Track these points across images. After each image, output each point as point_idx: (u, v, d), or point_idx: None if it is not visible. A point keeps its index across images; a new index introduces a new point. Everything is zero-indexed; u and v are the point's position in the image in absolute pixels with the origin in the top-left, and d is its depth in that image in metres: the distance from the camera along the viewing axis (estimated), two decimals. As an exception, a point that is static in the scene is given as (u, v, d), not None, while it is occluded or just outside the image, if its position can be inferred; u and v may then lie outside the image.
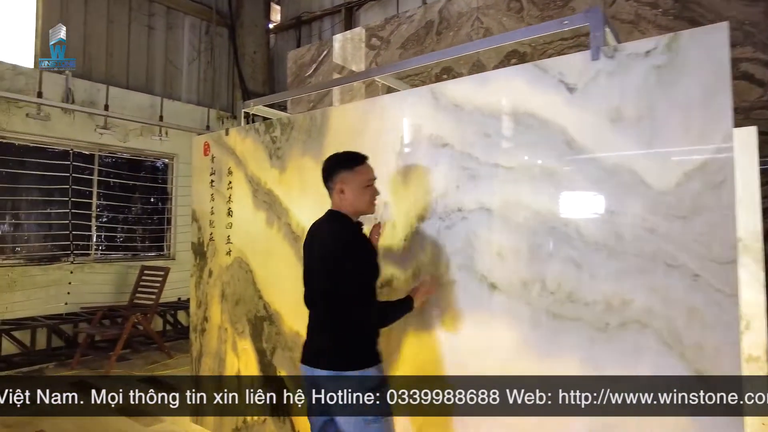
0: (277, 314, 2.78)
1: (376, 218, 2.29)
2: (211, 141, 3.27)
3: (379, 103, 2.41)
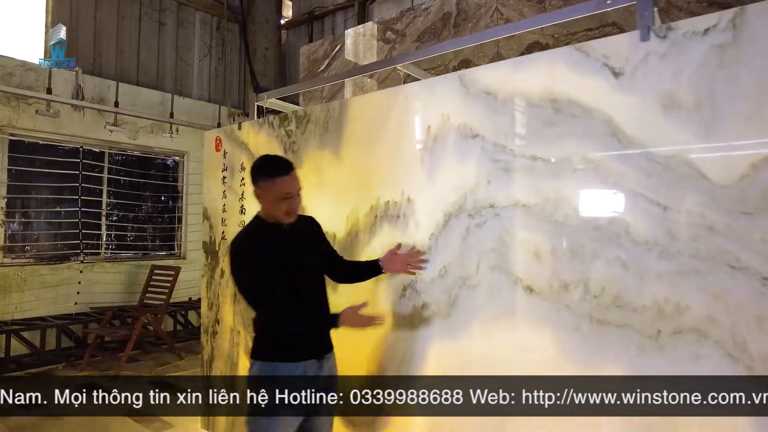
0: (292, 317, 2.64)
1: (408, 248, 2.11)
2: (223, 136, 3.13)
3: (403, 92, 2.25)
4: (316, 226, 2.11)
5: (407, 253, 2.08)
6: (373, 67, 3.10)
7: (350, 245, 2.38)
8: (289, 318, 1.86)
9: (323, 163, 2.53)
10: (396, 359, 2.20)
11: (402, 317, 2.18)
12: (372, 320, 1.93)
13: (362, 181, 2.36)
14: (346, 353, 2.38)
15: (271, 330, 1.91)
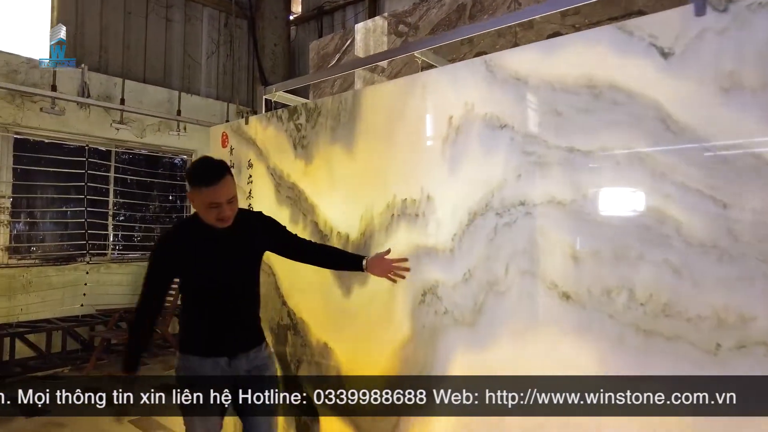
0: (302, 323, 2.48)
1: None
2: (230, 131, 2.98)
3: (421, 80, 2.07)
4: (264, 223, 2.11)
5: (394, 260, 2.01)
6: (389, 54, 2.93)
7: (364, 246, 2.21)
8: (137, 314, 1.97)
9: (335, 158, 2.36)
10: (415, 371, 2.02)
11: (421, 325, 2.01)
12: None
13: (377, 178, 2.18)
14: (359, 363, 2.22)
15: (184, 324, 2.06)
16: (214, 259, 1.93)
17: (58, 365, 4.74)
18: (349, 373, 2.24)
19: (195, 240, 1.94)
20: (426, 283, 1.99)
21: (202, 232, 1.92)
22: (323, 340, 2.37)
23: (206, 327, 1.96)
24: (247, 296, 2.06)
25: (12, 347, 4.53)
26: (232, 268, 1.98)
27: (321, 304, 2.38)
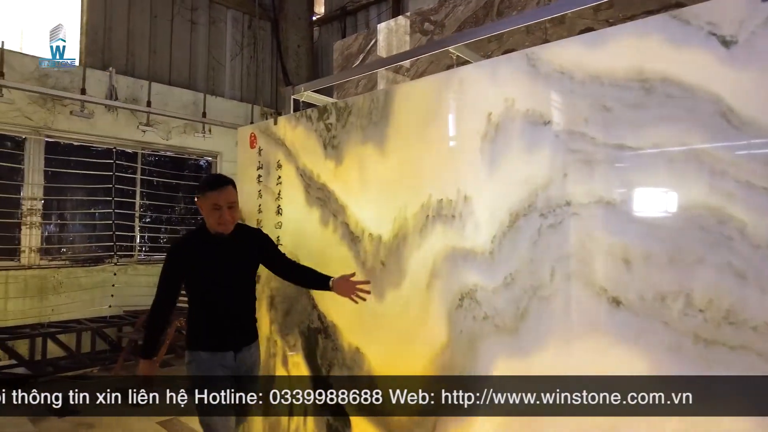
0: (333, 326, 2.42)
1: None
2: (258, 132, 2.95)
3: (458, 76, 2.00)
4: (259, 238, 2.40)
5: (357, 282, 2.20)
6: (419, 52, 2.86)
7: (397, 249, 2.15)
8: (152, 313, 2.23)
9: (366, 158, 2.31)
10: (452, 380, 1.95)
11: (458, 330, 1.93)
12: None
13: (411, 178, 2.12)
14: (393, 368, 2.15)
15: (192, 323, 2.26)
16: (218, 264, 2.20)
17: (88, 365, 4.79)
18: (383, 372, 2.17)
19: (202, 247, 2.22)
20: (463, 287, 1.92)
21: (208, 241, 2.22)
22: (355, 344, 2.31)
23: (213, 324, 2.20)
24: (247, 296, 2.33)
25: (44, 347, 4.59)
26: (234, 272, 2.24)
27: (353, 308, 2.32)
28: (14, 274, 4.79)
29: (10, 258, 4.93)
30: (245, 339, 2.27)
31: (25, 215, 4.99)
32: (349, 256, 2.35)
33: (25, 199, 4.99)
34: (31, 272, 4.92)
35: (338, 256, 2.41)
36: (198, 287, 2.21)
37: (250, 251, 2.30)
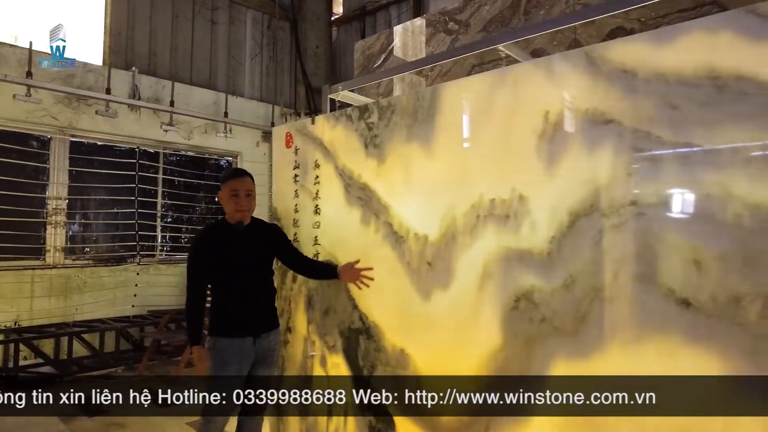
0: (375, 327, 2.40)
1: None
2: (294, 131, 2.93)
3: (511, 74, 1.97)
4: (274, 232, 2.58)
5: (362, 268, 2.39)
6: (470, 48, 2.83)
7: (446, 249, 2.12)
8: (188, 303, 2.36)
9: (411, 157, 2.28)
10: (507, 381, 1.92)
11: (513, 333, 1.90)
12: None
13: (460, 177, 2.09)
14: (441, 371, 2.13)
15: (213, 310, 2.37)
16: (237, 253, 2.35)
17: (112, 365, 4.79)
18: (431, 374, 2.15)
19: (222, 237, 2.38)
20: (519, 289, 1.89)
21: (228, 231, 2.38)
22: (399, 345, 2.28)
23: (232, 311, 2.33)
24: (265, 284, 2.47)
25: (70, 346, 4.60)
26: (251, 261, 2.38)
27: (397, 308, 2.30)
28: (40, 274, 4.81)
29: (35, 257, 4.95)
30: (264, 326, 2.40)
31: (50, 214, 5.00)
32: (393, 256, 2.32)
33: (50, 198, 5.01)
34: (56, 271, 4.93)
35: (380, 257, 2.38)
36: (218, 276, 2.34)
37: (267, 243, 2.46)
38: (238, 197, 2.35)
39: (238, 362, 2.30)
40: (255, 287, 2.39)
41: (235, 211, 2.36)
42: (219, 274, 2.36)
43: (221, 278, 2.36)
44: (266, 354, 2.40)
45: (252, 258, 2.38)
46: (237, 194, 2.35)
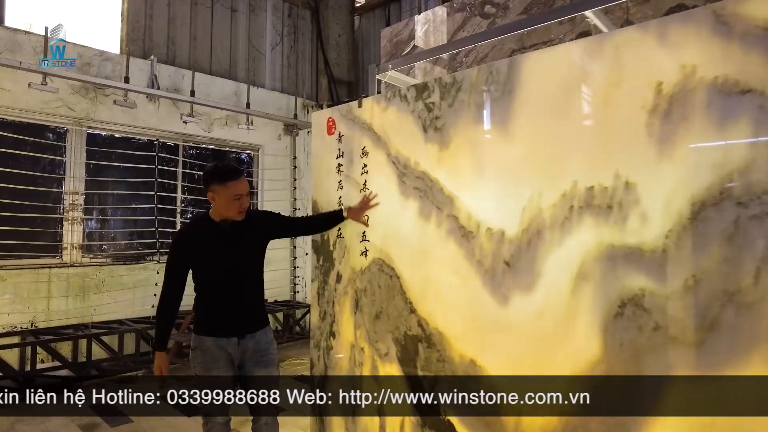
0: (438, 335, 2.12)
1: (367, 191, 2.45)
2: (338, 116, 2.66)
3: (612, 40, 1.68)
4: (262, 219, 2.41)
5: (364, 201, 2.38)
6: (547, 17, 2.54)
7: (528, 246, 1.84)
8: (160, 303, 2.23)
9: (482, 139, 2.00)
10: (610, 397, 1.64)
11: (617, 343, 1.62)
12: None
13: (546, 161, 1.81)
14: (523, 387, 1.85)
15: (197, 309, 2.27)
16: (223, 250, 2.22)
17: (132, 368, 4.56)
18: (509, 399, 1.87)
19: (206, 235, 2.23)
20: (625, 292, 1.60)
21: (212, 228, 2.24)
22: (469, 356, 2.01)
23: (218, 311, 2.23)
24: (252, 283, 2.33)
25: (89, 349, 4.37)
26: (239, 258, 2.26)
27: (465, 313, 2.02)
28: (57, 272, 4.59)
29: (52, 255, 4.72)
30: (250, 326, 2.28)
31: (67, 210, 4.78)
32: (459, 254, 2.05)
33: (66, 193, 4.78)
34: (73, 270, 4.71)
35: (443, 255, 2.11)
36: (202, 274, 2.24)
37: (256, 236, 2.33)
38: (240, 200, 2.21)
39: (224, 360, 2.21)
40: (240, 287, 2.27)
41: (237, 213, 2.22)
42: (202, 274, 2.24)
43: (205, 278, 2.24)
44: (256, 355, 2.26)
45: (238, 257, 2.25)
46: (239, 198, 2.20)
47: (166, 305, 2.24)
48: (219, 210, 2.22)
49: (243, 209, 2.23)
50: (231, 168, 2.30)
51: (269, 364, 2.32)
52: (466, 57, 4.84)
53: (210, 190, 2.21)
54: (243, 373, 2.26)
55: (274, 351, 2.37)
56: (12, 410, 3.64)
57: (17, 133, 4.52)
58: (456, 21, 5.07)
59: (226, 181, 2.18)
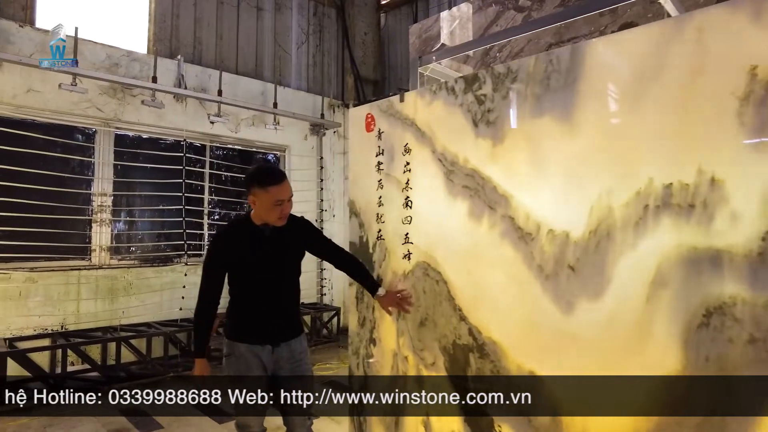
0: (492, 344, 1.98)
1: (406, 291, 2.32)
2: (377, 112, 2.53)
3: (694, 22, 1.52)
4: (303, 227, 2.33)
5: (402, 295, 2.30)
6: (576, 12, 2.39)
7: (596, 249, 1.68)
8: (198, 308, 2.17)
9: (542, 134, 1.85)
10: (692, 420, 1.48)
11: (702, 357, 1.46)
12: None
13: (617, 157, 1.65)
14: (589, 402, 1.70)
15: (231, 313, 2.22)
16: (263, 255, 2.15)
17: (160, 372, 4.51)
18: (573, 413, 1.72)
19: (246, 238, 2.16)
20: (711, 300, 1.44)
21: (253, 232, 2.16)
22: (528, 367, 1.86)
23: (253, 317, 2.17)
24: (290, 290, 2.27)
25: (118, 352, 4.33)
26: (278, 264, 2.19)
27: (523, 321, 1.88)
28: (86, 274, 4.56)
29: (81, 257, 4.70)
30: (284, 334, 2.22)
31: (95, 212, 4.75)
32: (516, 258, 1.90)
33: (95, 194, 4.76)
34: (102, 272, 4.68)
35: (497, 258, 1.96)
36: (239, 278, 2.17)
37: (295, 242, 2.27)
38: (282, 205, 2.13)
39: (258, 368, 2.14)
40: (278, 293, 2.20)
41: (278, 219, 2.14)
42: (239, 279, 2.18)
43: (241, 283, 2.18)
44: (291, 364, 2.20)
45: (277, 263, 2.19)
46: (281, 203, 2.12)
47: (205, 309, 2.18)
48: (259, 214, 2.14)
49: (284, 215, 2.15)
50: (273, 171, 2.20)
51: (304, 373, 2.25)
52: (500, 52, 4.68)
53: (251, 194, 2.13)
54: (277, 383, 2.18)
55: (308, 360, 2.31)
56: (43, 411, 3.62)
57: (47, 134, 4.51)
58: (488, 15, 4.91)
59: (268, 186, 2.09)
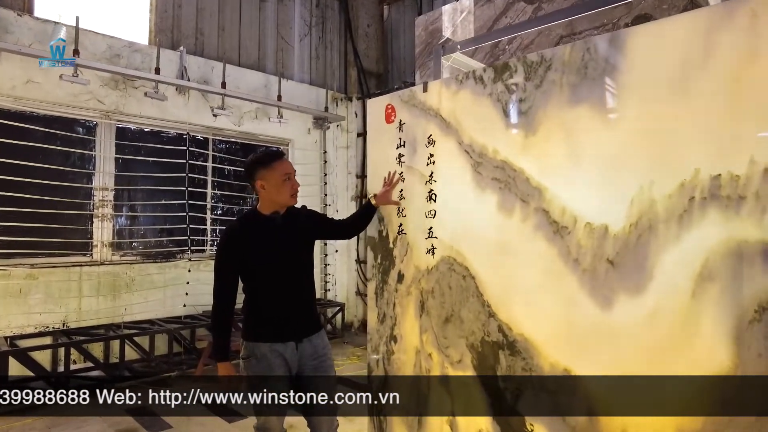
0: (524, 341, 1.92)
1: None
2: (399, 102, 2.46)
3: (745, 6, 1.46)
4: (307, 213, 2.31)
5: (386, 189, 2.40)
6: (590, 6, 2.33)
7: (637, 243, 1.63)
8: (216, 309, 2.09)
9: (578, 124, 1.79)
10: (744, 420, 1.43)
11: (755, 354, 1.41)
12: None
13: (660, 147, 1.60)
14: (628, 401, 1.65)
15: (249, 313, 2.13)
16: (275, 248, 2.10)
17: (164, 369, 4.42)
18: (612, 412, 1.67)
19: (256, 231, 2.10)
20: (764, 295, 1.39)
21: (262, 224, 2.12)
22: (562, 365, 1.80)
23: (274, 312, 2.09)
24: (308, 281, 2.22)
25: (122, 350, 4.24)
26: (295, 251, 2.15)
27: (558, 317, 1.82)
28: (87, 271, 4.46)
29: (82, 253, 4.60)
30: (307, 328, 2.15)
31: (97, 207, 4.64)
32: (551, 252, 1.84)
33: (96, 189, 4.65)
34: (104, 268, 4.58)
35: (531, 253, 1.90)
36: (255, 275, 2.10)
37: (305, 231, 2.22)
38: (293, 180, 2.15)
39: (282, 367, 2.06)
40: (298, 285, 2.16)
41: (290, 195, 2.14)
42: (257, 273, 2.10)
43: (259, 277, 2.10)
44: (314, 360, 2.13)
45: (292, 252, 2.15)
46: (289, 177, 2.12)
47: (223, 311, 2.10)
48: (271, 197, 2.11)
49: (295, 190, 2.16)
50: (272, 151, 2.26)
51: (329, 370, 2.18)
52: (510, 44, 4.62)
53: (257, 179, 2.10)
54: (300, 381, 2.11)
55: (331, 356, 2.25)
56: (47, 411, 3.54)
57: (47, 126, 4.39)
58: (497, 7, 4.84)
59: (272, 163, 2.10)
